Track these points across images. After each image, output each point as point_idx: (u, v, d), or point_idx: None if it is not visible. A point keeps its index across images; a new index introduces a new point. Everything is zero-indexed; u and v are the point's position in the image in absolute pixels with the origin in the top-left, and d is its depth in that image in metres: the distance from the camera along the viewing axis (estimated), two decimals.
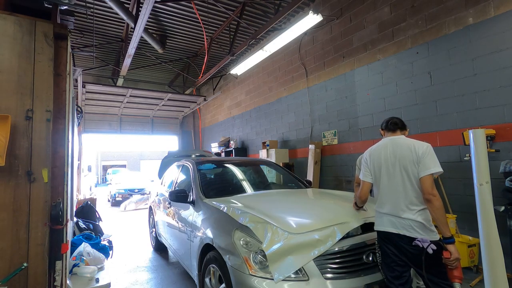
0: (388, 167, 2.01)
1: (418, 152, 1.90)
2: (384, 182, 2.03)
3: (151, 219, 5.16)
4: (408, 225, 1.88)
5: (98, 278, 3.01)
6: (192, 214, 2.94)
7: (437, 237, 1.84)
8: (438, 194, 1.80)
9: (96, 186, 20.20)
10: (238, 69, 6.92)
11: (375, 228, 2.07)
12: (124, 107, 9.90)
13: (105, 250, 3.83)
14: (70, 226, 3.13)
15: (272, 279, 1.84)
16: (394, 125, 2.11)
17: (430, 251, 1.75)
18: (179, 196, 3.10)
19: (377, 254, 2.08)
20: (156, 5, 5.70)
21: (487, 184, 2.48)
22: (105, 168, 31.30)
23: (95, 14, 5.99)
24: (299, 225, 2.09)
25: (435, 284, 1.83)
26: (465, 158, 3.35)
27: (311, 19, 4.71)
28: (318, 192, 3.45)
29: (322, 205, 2.75)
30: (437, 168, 1.84)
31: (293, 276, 1.86)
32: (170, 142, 12.83)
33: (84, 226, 4.59)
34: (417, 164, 1.88)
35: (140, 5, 5.02)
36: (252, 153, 8.33)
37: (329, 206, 2.64)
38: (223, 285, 2.14)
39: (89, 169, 12.55)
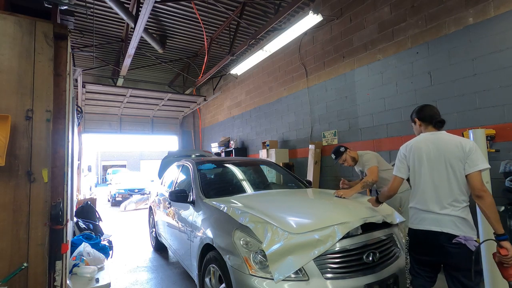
0: (430, 163, 1.90)
1: (465, 148, 1.81)
2: (425, 178, 1.91)
3: (151, 219, 5.16)
4: (451, 221, 1.79)
5: (98, 278, 3.01)
6: (192, 214, 2.94)
7: (475, 236, 1.77)
8: (488, 190, 1.73)
9: (96, 186, 20.16)
10: (238, 69, 6.92)
11: (411, 226, 1.94)
12: (124, 107, 9.89)
13: (105, 250, 3.83)
14: (70, 226, 3.14)
15: (272, 279, 1.84)
16: (441, 124, 1.99)
17: (472, 248, 1.69)
18: (179, 196, 3.09)
19: (406, 257, 2.03)
20: (156, 5, 5.69)
21: (487, 184, 2.48)
22: (105, 168, 31.31)
23: (95, 14, 5.99)
24: (299, 225, 2.09)
25: (464, 285, 1.76)
26: None
27: (311, 19, 4.72)
28: (318, 192, 3.44)
29: (322, 205, 2.75)
30: (486, 165, 1.77)
31: (293, 276, 1.86)
32: (170, 142, 12.83)
33: (84, 226, 4.59)
34: (464, 161, 1.81)
35: (140, 5, 5.02)
36: (252, 153, 8.33)
37: (329, 206, 2.64)
38: (223, 285, 2.14)
39: (89, 169, 12.53)
